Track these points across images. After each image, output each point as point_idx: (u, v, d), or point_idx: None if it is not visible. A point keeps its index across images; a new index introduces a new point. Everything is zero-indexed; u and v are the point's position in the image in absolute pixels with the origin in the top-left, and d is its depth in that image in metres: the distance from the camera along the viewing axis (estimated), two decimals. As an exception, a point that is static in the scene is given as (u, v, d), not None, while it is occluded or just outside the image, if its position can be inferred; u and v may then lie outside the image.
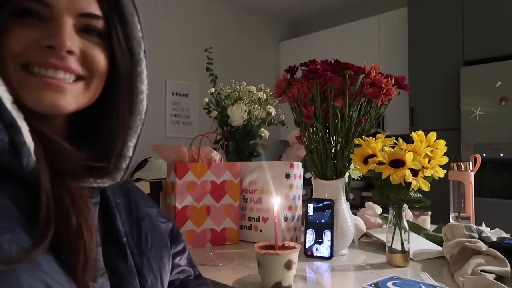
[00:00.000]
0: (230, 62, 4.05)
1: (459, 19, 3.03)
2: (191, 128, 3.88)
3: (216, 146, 1.57)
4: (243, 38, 4.40)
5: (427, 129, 0.98)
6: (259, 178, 1.23)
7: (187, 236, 1.13)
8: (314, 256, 1.03)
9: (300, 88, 1.05)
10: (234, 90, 1.62)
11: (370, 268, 0.95)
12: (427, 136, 0.95)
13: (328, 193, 1.07)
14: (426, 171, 0.90)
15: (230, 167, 1.22)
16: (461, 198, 1.20)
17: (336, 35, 4.16)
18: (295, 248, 0.79)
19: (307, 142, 1.12)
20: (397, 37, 3.64)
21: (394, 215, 0.96)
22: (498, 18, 2.85)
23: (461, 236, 0.98)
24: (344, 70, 1.04)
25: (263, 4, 4.44)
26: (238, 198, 1.23)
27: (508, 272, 0.82)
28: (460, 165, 1.21)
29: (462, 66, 2.96)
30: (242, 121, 1.54)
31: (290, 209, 1.16)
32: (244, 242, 1.22)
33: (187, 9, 3.92)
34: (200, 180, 1.16)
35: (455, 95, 2.99)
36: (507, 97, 2.70)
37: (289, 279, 0.78)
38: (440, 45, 3.13)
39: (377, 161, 0.92)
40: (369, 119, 1.09)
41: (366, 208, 1.37)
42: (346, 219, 1.07)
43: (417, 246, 1.05)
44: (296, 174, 1.19)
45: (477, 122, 2.82)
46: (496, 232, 1.11)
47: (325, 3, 4.41)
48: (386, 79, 1.04)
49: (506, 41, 2.81)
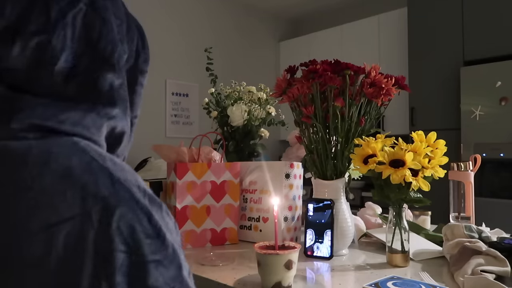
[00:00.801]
0: (230, 62, 4.05)
1: (459, 19, 3.03)
2: (191, 128, 3.88)
3: (216, 146, 1.57)
4: (243, 38, 4.40)
5: (427, 129, 0.98)
6: (259, 178, 1.23)
7: (187, 236, 1.13)
8: (314, 256, 1.03)
9: (300, 88, 1.05)
10: (234, 90, 1.62)
11: (370, 268, 0.95)
12: (427, 136, 0.95)
13: (328, 193, 1.07)
14: (426, 171, 0.90)
15: (230, 167, 1.22)
16: (461, 198, 1.20)
17: (336, 35, 4.16)
18: (295, 248, 0.79)
19: (307, 142, 1.12)
20: (397, 37, 3.64)
21: (394, 215, 0.96)
22: (498, 18, 2.85)
23: (461, 236, 0.98)
24: (344, 70, 1.04)
25: (263, 4, 4.45)
26: (238, 198, 1.23)
27: (508, 272, 0.82)
28: (460, 165, 1.21)
29: (462, 66, 2.96)
30: (242, 121, 1.54)
31: (290, 209, 1.16)
32: (244, 242, 1.22)
33: (187, 9, 3.92)
34: (200, 180, 1.16)
35: (455, 95, 2.99)
36: (507, 97, 2.70)
37: (289, 279, 0.78)
38: (440, 45, 3.13)
39: (377, 161, 0.92)
40: (369, 119, 1.09)
41: (366, 208, 1.37)
42: (346, 219, 1.07)
43: (417, 246, 1.05)
44: (296, 174, 1.19)
45: (477, 122, 2.82)
46: (496, 232, 1.11)
47: (325, 3, 4.41)
48: (386, 79, 1.04)
49: (506, 41, 2.81)
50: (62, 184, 0.39)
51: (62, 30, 0.44)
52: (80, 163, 0.41)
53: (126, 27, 0.52)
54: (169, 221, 0.43)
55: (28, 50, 0.42)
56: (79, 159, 0.41)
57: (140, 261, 0.38)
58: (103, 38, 0.47)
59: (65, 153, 0.41)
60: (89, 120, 0.45)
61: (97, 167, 0.41)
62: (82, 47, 0.45)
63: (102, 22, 0.47)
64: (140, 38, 0.54)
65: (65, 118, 0.43)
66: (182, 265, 0.42)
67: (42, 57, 0.43)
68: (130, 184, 0.42)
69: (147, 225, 0.40)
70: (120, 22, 0.50)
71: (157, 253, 0.40)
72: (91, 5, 0.46)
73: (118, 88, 0.48)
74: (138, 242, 0.39)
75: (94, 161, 0.42)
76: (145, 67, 0.55)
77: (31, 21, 0.42)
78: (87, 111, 0.45)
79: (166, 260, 0.40)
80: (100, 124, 0.46)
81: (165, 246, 0.40)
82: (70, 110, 0.44)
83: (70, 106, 0.44)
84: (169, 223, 0.43)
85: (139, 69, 0.54)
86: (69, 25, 0.44)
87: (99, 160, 0.42)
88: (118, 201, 0.39)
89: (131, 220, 0.39)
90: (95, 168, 0.41)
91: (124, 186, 0.41)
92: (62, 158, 0.40)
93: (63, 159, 0.40)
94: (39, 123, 0.42)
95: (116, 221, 0.38)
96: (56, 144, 0.42)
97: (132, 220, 0.39)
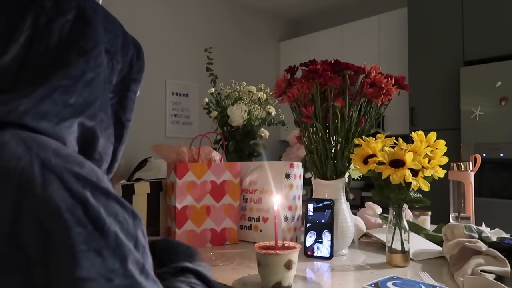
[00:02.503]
0: (230, 62, 4.05)
1: (459, 19, 3.03)
2: (191, 128, 3.88)
3: (216, 146, 1.57)
4: (243, 38, 4.40)
5: (427, 129, 0.98)
6: (259, 178, 1.23)
7: (187, 236, 1.13)
8: (314, 256, 1.03)
9: (300, 88, 1.05)
10: (234, 90, 1.62)
11: (370, 268, 0.95)
12: (427, 136, 0.95)
13: (328, 193, 1.07)
14: (426, 171, 0.90)
15: (230, 167, 1.22)
16: (461, 198, 1.20)
17: (336, 35, 4.16)
18: (295, 248, 0.79)
19: (307, 142, 1.12)
20: (397, 37, 3.64)
21: (394, 215, 0.96)
22: (498, 18, 2.85)
23: (461, 236, 0.98)
24: (344, 70, 1.04)
25: (263, 4, 4.44)
26: (238, 198, 1.23)
27: (508, 272, 0.82)
28: (460, 165, 1.21)
29: (462, 66, 2.96)
30: (242, 121, 1.54)
31: (290, 209, 1.17)
32: (244, 242, 1.22)
33: (187, 9, 3.92)
34: (200, 180, 1.16)
35: (455, 95, 2.99)
36: (507, 97, 2.70)
37: (289, 279, 0.78)
38: (440, 45, 3.13)
39: (377, 161, 0.92)
40: (369, 119, 1.09)
41: (366, 208, 1.37)
42: (346, 219, 1.07)
43: (417, 246, 1.05)
44: (296, 174, 1.19)
45: (477, 122, 2.82)
46: (496, 232, 1.11)
47: (325, 3, 4.41)
48: (386, 79, 1.04)
49: (506, 41, 2.81)
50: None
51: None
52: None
53: (122, 41, 0.57)
54: (120, 211, 0.43)
55: None
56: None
57: (67, 250, 0.37)
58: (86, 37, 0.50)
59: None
60: (45, 107, 0.45)
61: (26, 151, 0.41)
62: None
63: (88, 26, 0.51)
64: (135, 52, 0.60)
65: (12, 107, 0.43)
66: (127, 257, 0.41)
67: None
68: (63, 171, 0.41)
69: (80, 214, 0.39)
70: (114, 36, 0.55)
71: (91, 242, 0.38)
72: (79, 16, 0.51)
73: (90, 80, 0.50)
74: (66, 230, 0.38)
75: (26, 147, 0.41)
76: (138, 77, 0.60)
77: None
78: (43, 98, 0.45)
79: (104, 250, 0.39)
80: (56, 112, 0.46)
81: (104, 236, 0.39)
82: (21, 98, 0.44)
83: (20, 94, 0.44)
84: (118, 213, 0.42)
85: (132, 78, 0.59)
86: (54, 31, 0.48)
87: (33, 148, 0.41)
88: (44, 188, 0.39)
89: (57, 208, 0.38)
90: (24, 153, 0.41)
91: (54, 172, 0.40)
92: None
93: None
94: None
95: (39, 209, 0.38)
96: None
97: (59, 208, 0.38)
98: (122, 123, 0.58)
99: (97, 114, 0.50)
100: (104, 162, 0.54)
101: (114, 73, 0.55)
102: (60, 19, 0.49)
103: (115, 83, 0.56)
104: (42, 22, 0.47)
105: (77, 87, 0.48)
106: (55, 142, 0.44)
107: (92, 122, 0.50)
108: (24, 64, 0.46)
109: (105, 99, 0.53)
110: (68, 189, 0.40)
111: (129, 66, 0.58)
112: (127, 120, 0.59)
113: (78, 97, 0.48)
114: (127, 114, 0.58)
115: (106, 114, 0.53)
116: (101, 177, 0.44)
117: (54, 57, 0.47)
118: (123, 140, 0.58)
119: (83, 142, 0.50)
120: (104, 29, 0.53)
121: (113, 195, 0.44)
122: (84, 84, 0.49)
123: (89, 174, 0.43)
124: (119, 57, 0.56)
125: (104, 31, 0.53)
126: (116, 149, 0.57)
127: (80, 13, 0.51)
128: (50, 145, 0.42)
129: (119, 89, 0.57)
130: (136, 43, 0.61)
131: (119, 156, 0.58)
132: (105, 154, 0.54)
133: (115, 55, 0.55)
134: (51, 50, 0.47)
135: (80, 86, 0.48)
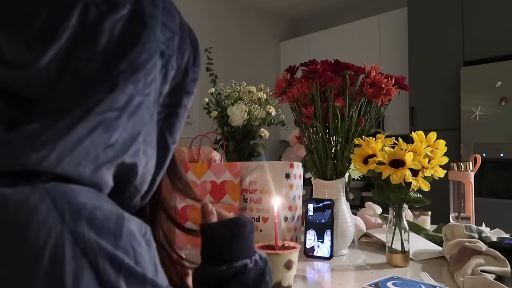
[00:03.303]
0: (230, 62, 4.05)
1: (459, 19, 3.03)
2: (191, 128, 3.88)
3: (216, 146, 1.57)
4: (243, 38, 4.40)
5: (427, 129, 0.98)
6: (259, 178, 1.22)
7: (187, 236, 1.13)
8: (314, 256, 1.03)
9: (300, 88, 1.05)
10: (234, 90, 1.62)
11: (370, 268, 0.95)
12: (427, 136, 0.95)
13: (328, 193, 1.07)
14: (426, 171, 0.90)
15: (230, 167, 1.22)
16: (461, 198, 1.20)
17: (336, 35, 4.16)
18: (295, 248, 0.79)
19: (307, 142, 1.12)
20: (397, 37, 3.64)
21: (394, 215, 0.96)
22: (498, 18, 2.85)
23: (461, 236, 0.98)
24: (344, 70, 1.04)
25: (264, 4, 4.45)
26: (238, 198, 1.23)
27: (508, 272, 0.82)
28: (460, 165, 1.21)
29: (462, 66, 2.96)
30: (242, 121, 1.54)
31: (290, 209, 1.16)
32: (244, 242, 1.22)
33: (188, 9, 3.91)
34: (200, 180, 1.16)
35: (455, 95, 2.99)
36: (507, 97, 2.70)
37: (289, 279, 0.78)
38: (440, 45, 3.13)
39: (377, 161, 0.92)
40: (369, 119, 1.09)
41: (366, 208, 1.37)
42: (346, 219, 1.07)
43: (417, 246, 1.05)
44: (296, 174, 1.19)
45: (477, 122, 2.82)
46: (496, 232, 1.11)
47: (325, 3, 4.41)
48: (386, 79, 1.04)
49: (506, 41, 2.81)
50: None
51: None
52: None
53: (179, 40, 0.44)
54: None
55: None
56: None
57: None
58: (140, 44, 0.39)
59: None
60: (82, 152, 0.34)
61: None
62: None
63: (144, 27, 0.40)
64: (192, 53, 0.48)
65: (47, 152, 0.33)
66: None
67: None
68: (97, 252, 0.31)
69: None
70: (172, 34, 0.43)
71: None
72: (135, 12, 0.39)
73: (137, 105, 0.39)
74: None
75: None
76: (192, 88, 0.48)
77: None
78: (81, 141, 0.34)
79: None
80: (96, 155, 0.35)
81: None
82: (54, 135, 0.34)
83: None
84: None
85: (185, 89, 0.47)
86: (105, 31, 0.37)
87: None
88: (75, 280, 0.30)
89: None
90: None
91: (87, 255, 0.31)
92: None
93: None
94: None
95: None
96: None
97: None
98: (167, 147, 0.46)
99: (140, 149, 0.40)
100: (139, 194, 0.44)
101: (166, 82, 0.43)
102: (113, 15, 0.37)
103: (166, 93, 0.44)
104: (92, 17, 0.36)
105: (121, 120, 0.37)
106: (89, 194, 0.34)
107: (134, 159, 0.39)
108: (62, 74, 0.35)
109: (152, 124, 0.42)
110: (99, 279, 0.31)
111: (184, 73, 0.46)
112: (173, 143, 0.47)
113: (121, 132, 0.37)
114: (174, 135, 0.46)
115: (150, 145, 0.42)
116: (138, 248, 0.34)
117: (98, 71, 0.36)
118: (164, 166, 0.47)
119: (119, 179, 0.40)
120: (162, 26, 0.41)
121: (150, 280, 0.34)
122: (130, 114, 0.38)
123: (125, 251, 0.33)
124: (174, 61, 0.43)
125: (162, 28, 0.41)
126: (156, 176, 0.46)
127: (136, 7, 0.39)
128: (85, 207, 0.32)
129: (170, 102, 0.45)
130: (193, 38, 0.48)
131: (156, 184, 0.47)
132: (142, 185, 0.44)
133: (170, 58, 0.43)
134: (96, 58, 0.36)
135: (125, 119, 0.37)
